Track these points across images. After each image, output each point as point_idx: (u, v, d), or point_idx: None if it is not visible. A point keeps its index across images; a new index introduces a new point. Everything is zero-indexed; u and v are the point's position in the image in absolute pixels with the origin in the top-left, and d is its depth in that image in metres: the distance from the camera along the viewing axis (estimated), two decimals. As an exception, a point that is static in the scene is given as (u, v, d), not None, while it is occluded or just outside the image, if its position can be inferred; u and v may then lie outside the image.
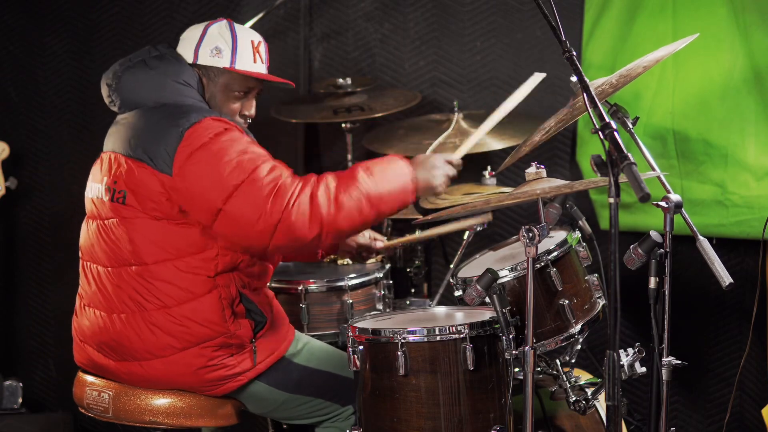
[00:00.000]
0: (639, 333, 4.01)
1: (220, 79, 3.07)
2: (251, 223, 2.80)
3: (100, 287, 3.00)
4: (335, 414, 3.12)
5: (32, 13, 4.51)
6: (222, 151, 2.84)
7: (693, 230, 2.59)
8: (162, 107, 2.97)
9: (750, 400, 3.90)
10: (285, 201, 2.79)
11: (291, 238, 2.81)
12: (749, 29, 3.59)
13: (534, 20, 4.13)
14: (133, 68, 3.02)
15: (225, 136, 2.87)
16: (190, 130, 2.86)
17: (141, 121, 2.96)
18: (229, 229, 2.85)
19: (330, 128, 4.33)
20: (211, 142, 2.85)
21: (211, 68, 3.07)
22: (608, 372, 2.35)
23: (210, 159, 2.83)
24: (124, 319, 2.95)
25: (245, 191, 2.80)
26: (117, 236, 2.95)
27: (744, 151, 3.59)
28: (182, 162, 2.84)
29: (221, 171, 2.82)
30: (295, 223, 2.79)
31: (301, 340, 3.15)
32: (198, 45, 3.07)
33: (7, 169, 4.35)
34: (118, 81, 3.03)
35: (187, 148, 2.85)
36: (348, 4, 4.32)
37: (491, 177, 3.73)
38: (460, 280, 2.98)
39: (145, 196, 2.89)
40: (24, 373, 4.58)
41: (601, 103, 2.41)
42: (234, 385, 3.00)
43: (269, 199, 2.79)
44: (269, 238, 2.81)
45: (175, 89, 2.99)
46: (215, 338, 2.93)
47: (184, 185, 2.85)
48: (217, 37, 3.07)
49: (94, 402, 3.06)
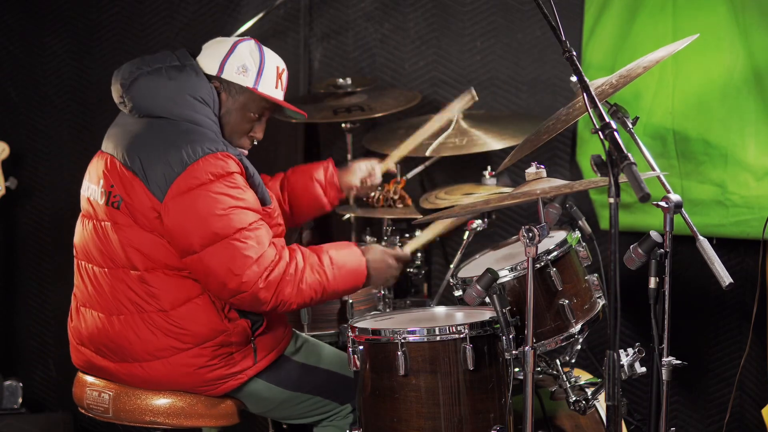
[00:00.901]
0: (639, 333, 4.01)
1: (240, 97, 3.04)
2: (220, 278, 2.83)
3: (96, 288, 2.99)
4: (334, 412, 3.12)
5: (32, 13, 4.51)
6: (217, 198, 2.83)
7: (693, 230, 2.59)
8: (172, 124, 2.93)
9: (750, 400, 3.90)
10: (260, 273, 2.83)
11: (248, 305, 2.89)
12: (749, 29, 3.59)
13: (534, 20, 4.13)
14: (150, 74, 2.97)
15: (226, 180, 2.86)
16: (194, 165, 2.84)
17: (147, 133, 2.93)
18: (197, 273, 2.88)
19: (330, 128, 4.32)
20: (210, 183, 2.84)
21: (234, 85, 3.04)
22: (608, 372, 2.35)
23: (203, 202, 2.82)
24: (123, 321, 2.94)
25: (226, 247, 2.82)
26: (111, 239, 2.94)
27: (744, 151, 3.59)
28: (175, 194, 2.83)
29: (209, 219, 2.82)
30: (258, 295, 2.85)
31: (299, 339, 3.15)
32: (225, 59, 3.03)
33: (7, 169, 4.35)
34: (132, 84, 2.98)
35: (185, 183, 2.83)
36: (348, 4, 4.32)
37: (491, 177, 3.74)
38: (460, 280, 2.98)
39: (136, 208, 2.89)
40: (24, 373, 4.58)
41: (601, 103, 2.41)
42: (234, 383, 3.00)
43: (246, 266, 2.82)
44: (230, 297, 2.87)
45: (190, 105, 2.95)
46: (214, 338, 2.93)
47: (169, 217, 2.84)
48: (246, 56, 3.05)
49: (94, 402, 3.06)
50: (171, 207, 2.84)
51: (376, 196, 3.78)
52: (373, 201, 3.79)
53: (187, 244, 2.84)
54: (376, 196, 3.78)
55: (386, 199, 3.78)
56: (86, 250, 3.03)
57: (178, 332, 2.91)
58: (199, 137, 2.89)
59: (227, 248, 2.82)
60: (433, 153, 3.73)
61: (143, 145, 2.90)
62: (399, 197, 3.78)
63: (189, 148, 2.85)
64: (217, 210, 2.82)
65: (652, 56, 2.86)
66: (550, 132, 2.78)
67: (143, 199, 2.87)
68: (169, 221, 2.85)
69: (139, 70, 2.99)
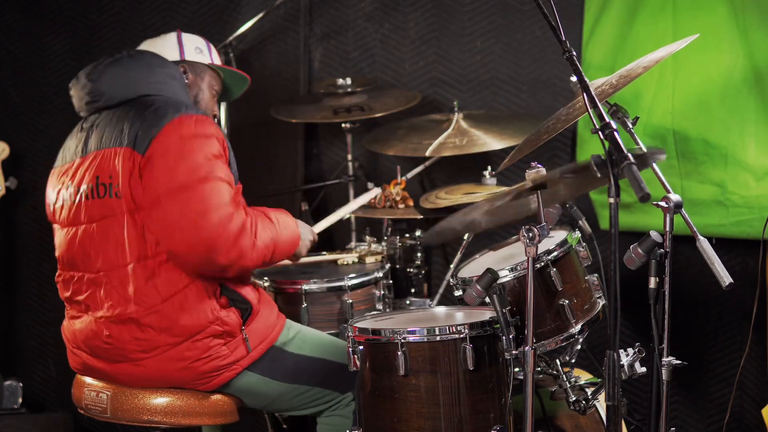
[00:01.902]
0: (639, 333, 4.01)
1: (206, 76, 3.15)
2: (183, 225, 2.80)
3: (85, 293, 2.99)
4: (335, 402, 3.11)
5: (32, 13, 4.51)
6: (191, 150, 2.84)
7: (693, 230, 2.59)
8: (152, 98, 2.96)
9: (750, 400, 3.90)
10: (223, 223, 2.81)
11: (206, 256, 2.83)
12: (749, 29, 3.59)
13: (534, 20, 4.13)
14: (114, 63, 3.02)
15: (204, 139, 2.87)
16: (178, 119, 2.87)
17: (132, 111, 2.94)
18: (161, 224, 2.84)
19: (330, 128, 4.33)
20: (189, 138, 2.85)
21: (198, 64, 3.15)
22: (608, 372, 2.36)
23: (175, 151, 2.84)
24: (115, 322, 2.94)
25: (191, 194, 2.81)
26: (101, 238, 2.93)
27: (744, 151, 3.59)
28: (154, 146, 2.84)
29: (179, 166, 2.82)
30: (219, 248, 2.81)
31: (292, 329, 3.13)
32: (180, 45, 3.14)
33: (7, 169, 4.35)
34: (100, 77, 3.01)
35: (164, 136, 2.85)
36: (348, 4, 4.32)
37: (491, 177, 3.74)
38: (460, 280, 2.98)
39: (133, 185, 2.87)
40: (24, 373, 4.58)
41: (601, 103, 2.41)
42: (230, 374, 2.98)
43: (208, 213, 2.80)
44: (188, 250, 2.82)
45: (162, 80, 3.01)
46: (206, 327, 2.92)
47: (145, 168, 2.85)
48: (193, 39, 3.20)
49: (92, 402, 3.06)
50: (148, 157, 2.85)
51: (378, 197, 3.78)
52: (374, 202, 3.79)
53: (152, 188, 2.84)
54: (377, 197, 3.78)
55: (387, 199, 3.78)
56: (73, 260, 3.01)
57: (170, 325, 2.90)
58: (181, 103, 2.95)
59: (189, 196, 2.81)
60: (433, 153, 3.73)
61: (135, 119, 2.91)
62: (401, 198, 3.77)
63: (172, 108, 2.90)
64: (187, 160, 2.83)
65: (652, 56, 2.86)
66: (550, 132, 2.78)
67: (131, 165, 2.86)
68: (145, 171, 2.85)
69: (101, 64, 3.03)
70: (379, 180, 4.03)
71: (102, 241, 2.94)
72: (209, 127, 2.91)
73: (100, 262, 2.94)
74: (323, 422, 3.14)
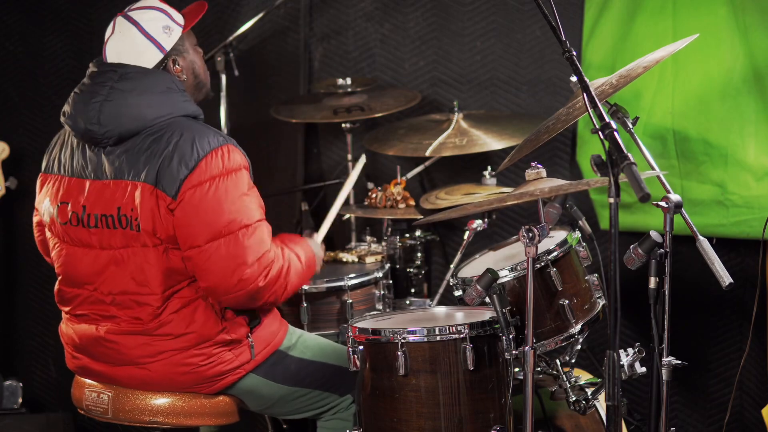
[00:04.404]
0: (639, 333, 4.01)
1: (186, 44, 3.00)
2: (221, 273, 2.82)
3: (90, 309, 2.98)
4: (335, 405, 3.12)
5: (32, 13, 4.51)
6: (226, 193, 2.82)
7: (693, 230, 2.59)
8: (162, 126, 2.86)
9: (750, 400, 3.90)
10: (260, 271, 2.84)
11: (242, 302, 2.89)
12: (749, 29, 3.59)
13: (534, 20, 4.13)
14: (109, 100, 2.87)
15: (235, 175, 2.85)
16: (206, 158, 2.82)
17: (145, 144, 2.86)
18: (197, 267, 2.84)
19: (330, 128, 4.32)
20: (220, 177, 2.82)
21: (177, 43, 2.97)
22: (608, 372, 2.36)
23: (211, 195, 2.81)
24: (120, 329, 2.93)
25: (230, 242, 2.81)
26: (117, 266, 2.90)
27: (744, 151, 3.59)
28: (187, 188, 2.80)
29: (216, 213, 2.80)
30: (256, 293, 2.87)
31: (294, 334, 3.14)
32: (149, 38, 2.94)
33: (7, 169, 4.35)
34: (99, 119, 2.87)
35: (197, 177, 2.81)
36: (348, 4, 4.32)
37: (491, 177, 3.74)
38: (460, 280, 2.98)
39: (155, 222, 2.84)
40: (24, 373, 4.58)
41: (601, 103, 2.41)
42: (233, 378, 2.98)
43: (248, 263, 2.82)
44: (224, 294, 2.85)
45: (162, 99, 2.88)
46: (213, 337, 2.93)
47: (179, 210, 2.82)
48: (153, 21, 2.94)
49: (93, 403, 3.06)
50: (182, 201, 2.81)
51: (378, 197, 3.78)
52: (375, 202, 3.79)
53: (192, 236, 2.82)
54: (378, 197, 3.78)
55: (388, 199, 3.78)
56: (81, 278, 2.98)
57: (178, 335, 2.91)
58: (198, 132, 2.85)
59: (231, 243, 2.81)
60: (433, 153, 3.73)
61: (149, 156, 2.84)
62: (402, 198, 3.77)
63: (197, 143, 2.83)
64: (224, 204, 2.81)
65: (652, 56, 2.86)
66: (550, 132, 2.78)
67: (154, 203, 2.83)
68: (178, 214, 2.82)
69: (93, 102, 2.88)
70: (379, 180, 4.03)
71: (118, 269, 2.90)
72: (236, 156, 2.87)
73: (113, 287, 2.92)
74: (323, 426, 3.15)
